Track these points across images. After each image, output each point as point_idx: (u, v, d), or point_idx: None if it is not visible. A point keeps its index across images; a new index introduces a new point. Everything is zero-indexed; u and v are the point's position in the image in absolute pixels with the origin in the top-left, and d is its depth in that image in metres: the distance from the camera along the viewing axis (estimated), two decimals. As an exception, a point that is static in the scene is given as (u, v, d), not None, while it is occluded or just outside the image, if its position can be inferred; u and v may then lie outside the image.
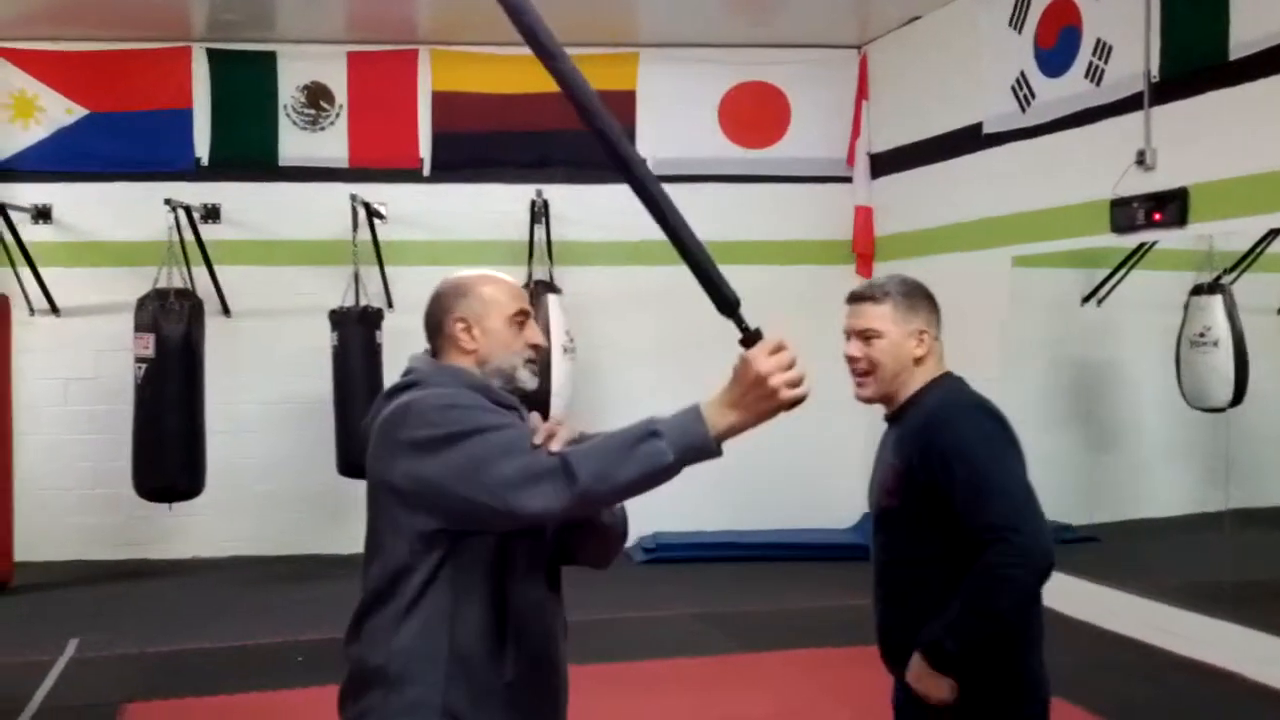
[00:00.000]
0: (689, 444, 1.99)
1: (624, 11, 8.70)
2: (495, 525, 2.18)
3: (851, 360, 2.81)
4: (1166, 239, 6.47)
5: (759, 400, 1.96)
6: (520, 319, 2.38)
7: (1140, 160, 6.43)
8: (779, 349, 1.96)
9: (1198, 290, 6.57)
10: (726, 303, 2.01)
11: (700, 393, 2.07)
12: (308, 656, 6.09)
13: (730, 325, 2.03)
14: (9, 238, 8.32)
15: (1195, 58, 6.16)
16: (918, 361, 2.77)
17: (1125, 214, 6.55)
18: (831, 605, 7.21)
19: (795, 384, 1.96)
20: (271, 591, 7.94)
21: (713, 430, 1.98)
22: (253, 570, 8.47)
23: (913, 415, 2.77)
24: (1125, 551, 7.49)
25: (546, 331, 7.45)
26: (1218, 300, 6.51)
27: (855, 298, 2.83)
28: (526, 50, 2.02)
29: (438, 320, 2.38)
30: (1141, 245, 6.70)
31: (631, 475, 2.02)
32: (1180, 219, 6.21)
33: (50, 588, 7.93)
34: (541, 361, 2.45)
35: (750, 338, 1.99)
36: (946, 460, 2.63)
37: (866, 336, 2.77)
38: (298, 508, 8.76)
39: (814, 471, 9.14)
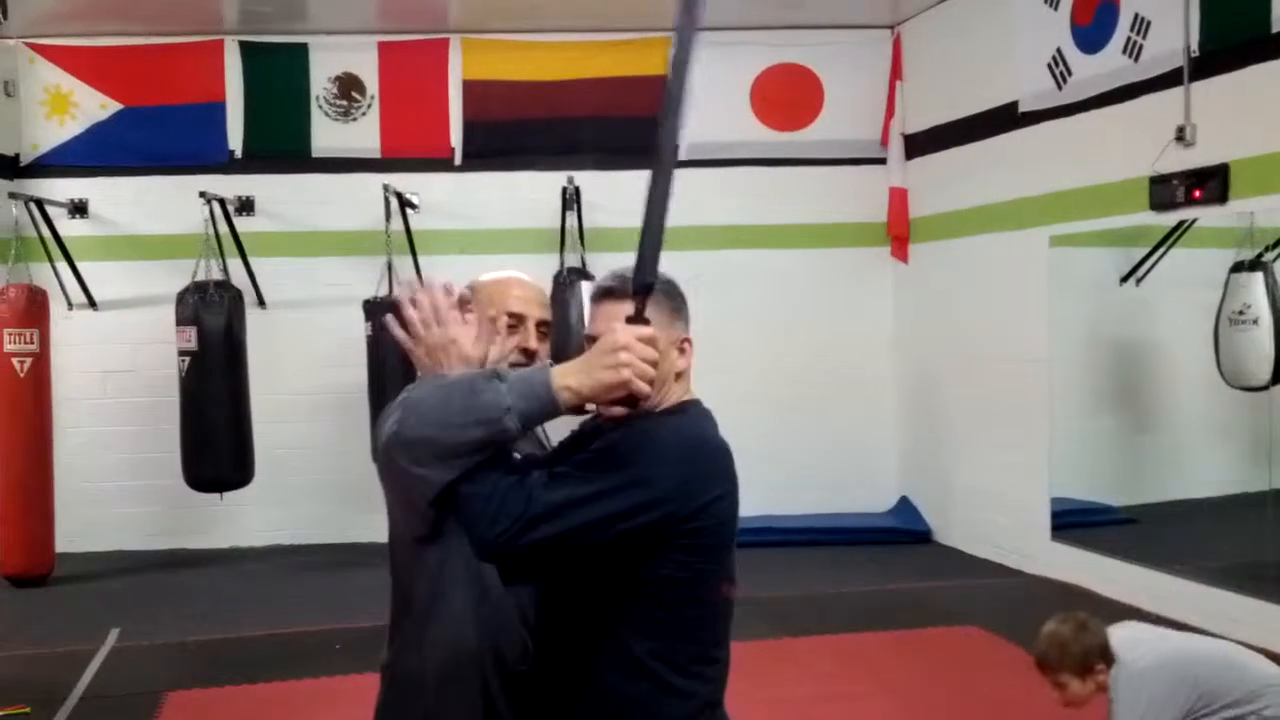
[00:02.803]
0: (531, 391, 1.98)
1: (655, -5, 8.65)
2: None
3: None
4: (1206, 216, 6.39)
5: (604, 368, 1.96)
6: (511, 322, 2.36)
7: (1180, 136, 6.34)
8: (649, 339, 1.98)
9: (1238, 267, 6.48)
10: (646, 282, 2.01)
11: (733, 377, 2.09)
12: (346, 644, 6.12)
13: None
14: (46, 232, 8.39)
15: (1236, 31, 6.06)
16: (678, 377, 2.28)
17: (1164, 191, 6.46)
18: (869, 589, 7.16)
19: (642, 375, 1.96)
20: (310, 580, 8.00)
21: (556, 382, 1.98)
22: (291, 559, 8.55)
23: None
24: (1166, 533, 7.41)
25: (580, 319, 7.44)
26: (1258, 277, 6.42)
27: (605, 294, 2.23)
28: (557, 37, 2.01)
29: None
30: (1181, 223, 6.61)
31: (467, 419, 1.98)
32: (1221, 196, 6.13)
33: (91, 578, 8.01)
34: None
35: (635, 319, 2.00)
36: None
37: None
38: (335, 497, 8.80)
39: (850, 455, 9.11)
